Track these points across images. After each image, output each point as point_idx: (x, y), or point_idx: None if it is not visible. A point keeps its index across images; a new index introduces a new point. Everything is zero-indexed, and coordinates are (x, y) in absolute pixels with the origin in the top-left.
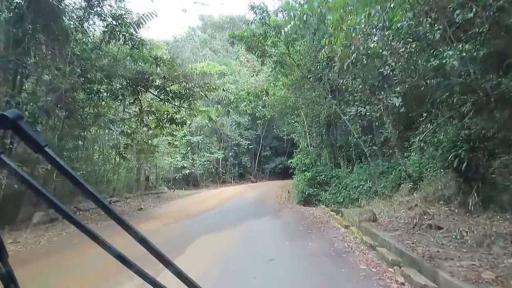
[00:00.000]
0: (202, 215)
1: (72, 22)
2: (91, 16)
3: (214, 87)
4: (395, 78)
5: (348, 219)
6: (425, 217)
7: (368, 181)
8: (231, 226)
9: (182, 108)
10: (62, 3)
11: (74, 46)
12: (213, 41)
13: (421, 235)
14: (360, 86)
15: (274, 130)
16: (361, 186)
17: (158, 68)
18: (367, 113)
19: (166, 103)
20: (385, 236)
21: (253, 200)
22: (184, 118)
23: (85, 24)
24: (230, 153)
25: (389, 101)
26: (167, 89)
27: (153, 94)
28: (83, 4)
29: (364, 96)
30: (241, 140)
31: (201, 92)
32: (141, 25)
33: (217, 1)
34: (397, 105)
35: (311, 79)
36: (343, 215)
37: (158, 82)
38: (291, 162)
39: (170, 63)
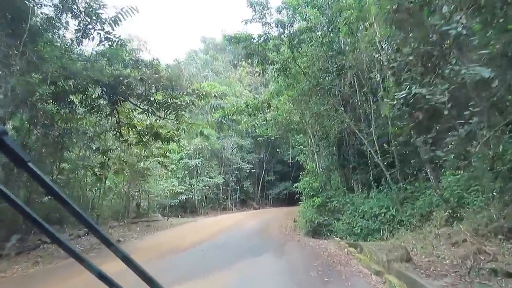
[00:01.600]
0: (189, 250)
1: (40, 20)
2: (63, 14)
3: (204, 93)
4: (473, 38)
5: (372, 257)
6: (483, 258)
7: (391, 208)
8: (220, 268)
9: (168, 120)
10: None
11: (41, 49)
12: (215, 63)
13: (483, 285)
14: (410, 58)
15: (278, 154)
16: (383, 215)
17: (139, 72)
18: (427, 96)
19: (149, 114)
20: (431, 285)
21: (254, 230)
22: (171, 133)
23: (56, 23)
24: (231, 178)
25: (471, 72)
26: (151, 98)
27: (134, 104)
28: (56, 0)
29: (417, 74)
30: (243, 164)
31: (187, 100)
32: (119, 21)
33: (220, 23)
34: (486, 76)
35: (319, 91)
36: (363, 251)
37: (140, 89)
38: (296, 187)
39: (154, 66)
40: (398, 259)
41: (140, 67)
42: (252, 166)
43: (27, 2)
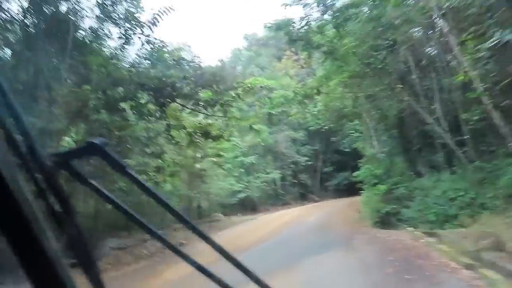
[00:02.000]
0: (251, 250)
1: (86, 33)
2: (104, 23)
3: (250, 86)
4: None
5: (456, 247)
6: None
7: (469, 191)
8: (283, 269)
9: (216, 118)
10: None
11: (87, 59)
12: (259, 58)
13: None
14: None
15: (333, 144)
16: (460, 198)
17: (182, 71)
18: None
19: (197, 113)
20: None
21: (316, 224)
22: (220, 130)
23: (100, 33)
24: (288, 172)
25: None
26: (197, 97)
27: (181, 105)
28: (97, 11)
29: (503, 19)
30: (298, 157)
31: (233, 94)
32: (156, 22)
33: (261, 18)
34: None
35: (371, 71)
36: (442, 241)
37: (185, 89)
38: (357, 176)
39: (196, 63)
40: (490, 249)
41: (182, 65)
42: (308, 158)
43: (70, 17)
